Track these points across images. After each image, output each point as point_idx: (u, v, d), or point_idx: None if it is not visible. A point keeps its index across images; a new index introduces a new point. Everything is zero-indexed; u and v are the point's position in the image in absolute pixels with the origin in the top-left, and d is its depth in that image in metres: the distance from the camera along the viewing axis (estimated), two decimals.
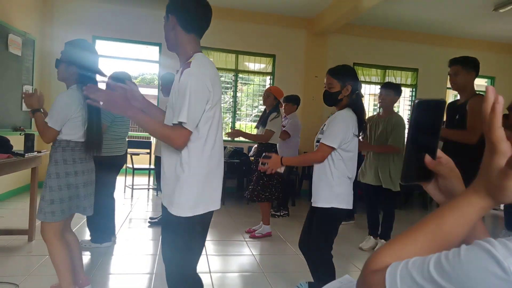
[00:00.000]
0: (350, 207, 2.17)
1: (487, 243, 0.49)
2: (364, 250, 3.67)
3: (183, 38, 1.57)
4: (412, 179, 0.71)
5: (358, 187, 4.37)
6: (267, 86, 6.92)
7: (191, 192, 1.50)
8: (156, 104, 6.66)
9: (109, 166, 3.19)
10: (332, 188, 2.11)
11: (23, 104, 5.08)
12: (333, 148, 2.07)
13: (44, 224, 2.09)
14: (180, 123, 1.42)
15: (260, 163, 2.16)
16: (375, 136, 3.65)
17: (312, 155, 2.18)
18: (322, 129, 2.24)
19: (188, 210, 1.49)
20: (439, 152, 0.70)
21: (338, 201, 2.11)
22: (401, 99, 7.18)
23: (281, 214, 4.83)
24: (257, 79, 7.06)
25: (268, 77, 6.88)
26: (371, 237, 3.75)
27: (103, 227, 3.31)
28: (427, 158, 0.68)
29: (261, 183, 3.88)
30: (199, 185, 1.51)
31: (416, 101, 0.65)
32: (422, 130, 0.67)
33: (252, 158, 4.77)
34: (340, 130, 2.07)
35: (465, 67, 2.75)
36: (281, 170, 2.12)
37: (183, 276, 1.59)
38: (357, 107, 2.16)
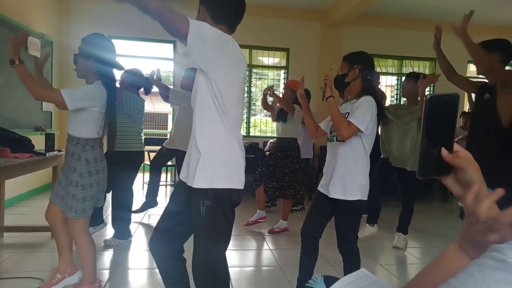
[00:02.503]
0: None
1: (497, 252, 0.47)
2: (360, 239, 3.58)
3: None
4: (429, 173, 0.70)
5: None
6: (282, 80, 6.90)
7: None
8: None
9: (129, 162, 3.29)
10: (357, 179, 2.06)
11: (43, 105, 5.22)
12: (359, 130, 1.99)
13: (73, 220, 2.13)
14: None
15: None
16: (402, 125, 3.52)
17: (343, 125, 1.98)
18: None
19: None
20: (456, 146, 0.69)
21: (364, 192, 2.07)
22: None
23: (298, 208, 4.82)
24: (271, 73, 7.04)
25: (282, 71, 6.84)
26: (367, 224, 3.68)
27: (126, 222, 3.39)
28: (444, 151, 0.68)
29: (286, 180, 3.86)
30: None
31: (428, 96, 0.65)
32: (436, 125, 0.67)
33: (268, 152, 4.76)
34: (368, 114, 2.00)
35: (486, 51, 2.57)
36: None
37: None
38: (371, 94, 2.08)
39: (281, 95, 4.07)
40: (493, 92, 2.47)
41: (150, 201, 4.20)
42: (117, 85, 3.37)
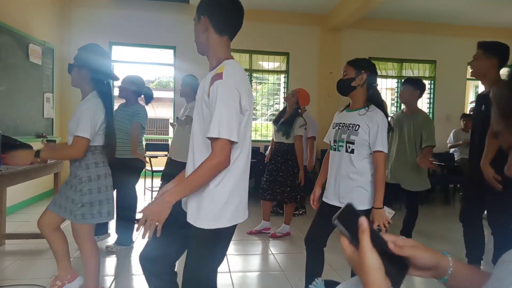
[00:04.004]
0: None
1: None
2: None
3: (215, 41, 1.50)
4: (399, 278, 0.73)
5: None
6: (282, 84, 6.91)
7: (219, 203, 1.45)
8: (172, 106, 6.73)
9: (131, 168, 3.32)
10: (368, 189, 2.05)
11: (45, 112, 5.24)
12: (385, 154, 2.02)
13: (77, 226, 2.12)
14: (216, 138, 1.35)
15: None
16: (400, 134, 3.46)
17: (381, 171, 2.01)
18: (346, 127, 2.11)
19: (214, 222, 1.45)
20: (392, 237, 0.73)
21: (372, 202, 2.06)
22: None
23: (300, 212, 4.81)
24: (271, 78, 7.05)
25: (282, 75, 6.86)
26: None
27: (129, 228, 3.40)
28: (392, 247, 0.71)
29: (289, 184, 3.85)
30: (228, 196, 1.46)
31: (334, 219, 0.70)
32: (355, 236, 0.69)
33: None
34: (386, 134, 2.02)
35: (485, 52, 2.56)
36: (391, 213, 2.00)
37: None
38: (378, 103, 2.08)
39: (283, 96, 4.06)
40: (487, 101, 2.51)
41: None
42: (116, 93, 3.43)
